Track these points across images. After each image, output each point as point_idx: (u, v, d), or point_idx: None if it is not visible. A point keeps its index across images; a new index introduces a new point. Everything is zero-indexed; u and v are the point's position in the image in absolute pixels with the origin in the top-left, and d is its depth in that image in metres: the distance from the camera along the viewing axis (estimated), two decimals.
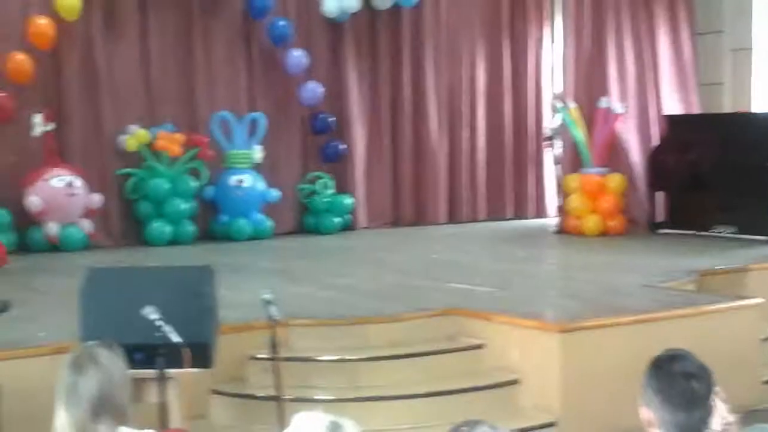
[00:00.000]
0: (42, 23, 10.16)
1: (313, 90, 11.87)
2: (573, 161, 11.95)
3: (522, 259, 9.51)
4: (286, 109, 11.96)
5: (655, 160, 11.84)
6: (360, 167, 12.45)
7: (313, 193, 12.01)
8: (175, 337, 4.45)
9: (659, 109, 12.29)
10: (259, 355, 5.80)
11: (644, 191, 11.98)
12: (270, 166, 11.75)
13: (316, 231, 11.88)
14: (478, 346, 6.32)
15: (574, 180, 11.71)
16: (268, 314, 4.95)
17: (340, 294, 7.34)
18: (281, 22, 11.65)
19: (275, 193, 11.40)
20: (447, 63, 13.11)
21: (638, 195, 11.97)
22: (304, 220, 12.09)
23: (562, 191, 12.02)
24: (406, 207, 12.87)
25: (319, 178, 12.08)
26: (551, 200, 13.84)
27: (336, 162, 12.28)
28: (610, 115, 11.71)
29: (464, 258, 9.60)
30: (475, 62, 13.35)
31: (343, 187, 12.26)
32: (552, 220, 12.95)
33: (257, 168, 11.51)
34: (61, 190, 10.02)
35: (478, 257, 9.69)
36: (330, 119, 12.13)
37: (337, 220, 11.94)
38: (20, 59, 10.04)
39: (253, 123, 11.48)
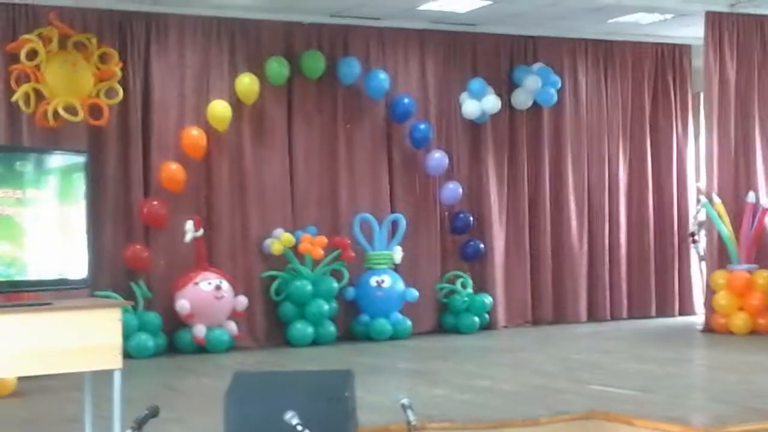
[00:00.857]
0: (194, 134, 10.72)
1: (453, 190, 12.04)
2: (719, 257, 11.64)
3: (667, 360, 9.26)
4: (426, 210, 12.16)
5: None
6: (499, 266, 12.46)
7: (452, 292, 12.06)
8: None
9: None
10: None
11: None
12: (409, 265, 11.90)
13: (455, 330, 11.90)
14: None
15: (721, 277, 11.41)
16: (405, 419, 4.98)
17: (478, 396, 7.32)
18: (422, 126, 11.93)
19: (414, 293, 11.51)
20: (587, 160, 13.10)
21: None
22: (442, 320, 12.13)
23: (709, 288, 11.70)
24: (546, 306, 12.76)
25: (459, 277, 12.15)
26: (697, 298, 13.49)
27: (475, 261, 12.34)
28: (757, 210, 11.41)
29: (606, 359, 9.42)
30: (616, 159, 13.28)
31: (482, 286, 12.28)
32: (698, 318, 12.58)
33: (397, 268, 11.68)
34: (209, 293, 10.39)
35: (620, 358, 9.48)
36: (470, 218, 12.24)
37: (476, 319, 11.94)
38: (173, 168, 10.59)
39: (394, 224, 11.70)
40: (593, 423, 6.41)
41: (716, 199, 11.57)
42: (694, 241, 13.42)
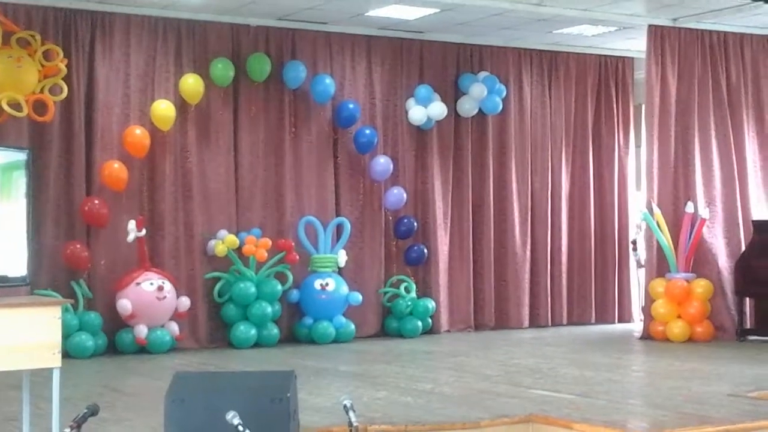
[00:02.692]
0: (138, 133, 10.64)
1: (398, 195, 12.10)
2: (658, 266, 11.84)
3: (606, 366, 9.40)
4: (370, 214, 12.20)
5: (743, 265, 11.65)
6: (443, 271, 12.54)
7: (396, 296, 12.12)
8: None
9: (746, 213, 12.15)
10: None
11: (732, 297, 11.77)
12: (354, 269, 11.94)
13: (398, 334, 11.96)
14: None
15: (659, 285, 11.60)
16: (347, 420, 5.00)
17: (420, 399, 7.36)
18: (367, 131, 11.97)
19: (358, 297, 11.53)
20: (531, 168, 13.24)
21: (725, 301, 11.77)
22: (386, 324, 12.18)
23: (648, 296, 11.89)
24: (488, 311, 12.87)
25: (402, 281, 12.21)
26: (635, 305, 13.71)
27: (419, 265, 12.41)
28: (696, 220, 11.63)
29: (546, 364, 9.53)
30: (559, 167, 13.45)
31: (425, 291, 12.36)
32: (636, 325, 12.77)
33: (341, 271, 11.69)
34: (151, 294, 10.32)
35: (560, 363, 9.60)
36: (414, 223, 12.30)
37: (419, 323, 12.00)
38: (116, 167, 10.50)
39: (339, 227, 11.72)
40: (533, 426, 6.48)
41: (656, 209, 11.76)
42: (635, 249, 13.65)
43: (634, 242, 13.73)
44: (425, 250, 12.37)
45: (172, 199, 11.02)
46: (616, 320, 13.71)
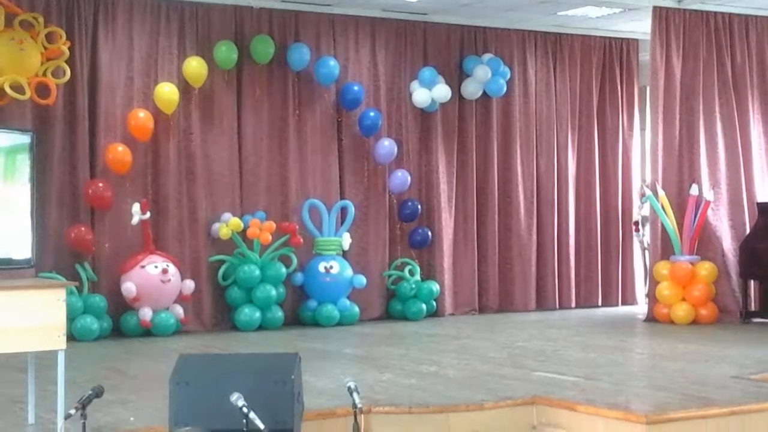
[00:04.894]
0: (141, 116, 10.62)
1: (402, 178, 12.09)
2: (663, 249, 11.83)
3: (610, 348, 9.40)
4: (375, 197, 12.18)
5: (748, 247, 11.64)
6: (447, 254, 12.53)
7: (400, 279, 12.12)
8: (260, 424, 4.54)
9: (751, 195, 12.13)
10: None
11: (736, 279, 11.76)
12: (358, 252, 11.94)
13: (402, 317, 11.97)
14: None
15: (664, 267, 11.59)
16: (351, 402, 5.02)
17: (423, 381, 7.37)
18: (372, 113, 11.95)
19: (362, 280, 11.54)
20: (536, 151, 13.21)
21: (730, 283, 11.76)
22: (390, 307, 12.19)
23: (652, 279, 11.89)
24: (492, 294, 12.87)
25: (406, 264, 12.21)
26: (639, 288, 13.71)
27: (423, 248, 12.41)
28: (700, 202, 11.62)
29: (550, 346, 9.53)
30: (564, 150, 13.42)
31: (429, 274, 12.36)
32: (641, 308, 12.77)
33: (345, 254, 11.70)
34: (156, 277, 10.33)
35: (564, 346, 9.61)
36: (418, 206, 12.29)
37: (423, 306, 12.01)
38: (120, 150, 10.50)
39: (343, 210, 11.72)
40: (537, 408, 6.50)
41: (660, 192, 11.74)
42: (638, 230, 13.62)
43: (637, 223, 13.70)
44: (429, 233, 12.36)
45: (176, 182, 11.01)
46: (620, 303, 13.71)
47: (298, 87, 11.78)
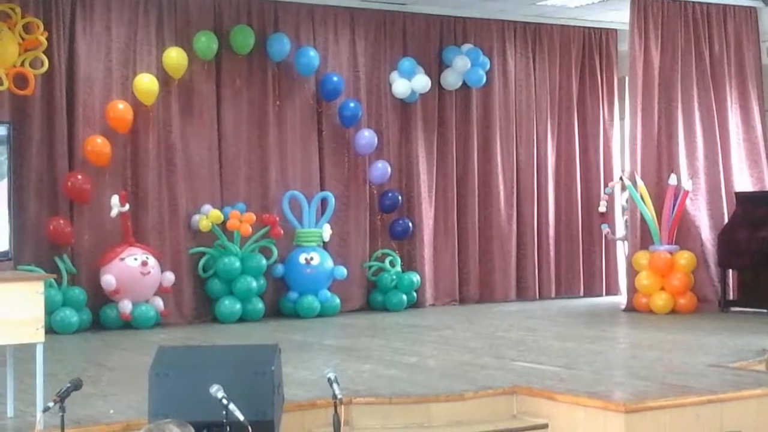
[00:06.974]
0: (120, 107, 10.56)
1: (382, 168, 12.09)
2: (642, 239, 11.88)
3: (589, 338, 9.45)
4: (355, 188, 12.18)
5: (726, 237, 11.72)
6: (427, 245, 12.55)
7: (381, 270, 12.13)
8: (240, 415, 4.54)
9: (729, 185, 12.20)
10: None
11: (714, 269, 11.84)
12: (338, 243, 11.94)
13: (383, 308, 11.98)
14: (543, 426, 6.28)
15: (642, 257, 11.64)
16: (332, 393, 5.02)
17: (404, 372, 7.38)
18: (352, 104, 11.93)
19: (343, 271, 11.53)
20: (516, 141, 13.24)
21: (708, 273, 11.83)
22: (371, 298, 12.19)
23: (631, 269, 11.94)
24: (473, 285, 12.90)
25: (387, 255, 12.22)
26: (622, 278, 13.76)
27: (404, 239, 12.41)
28: (679, 192, 11.67)
29: (530, 336, 9.57)
30: (544, 140, 13.45)
31: (410, 265, 12.37)
32: (623, 298, 12.84)
33: (326, 246, 11.69)
34: (135, 269, 10.28)
35: (544, 336, 9.64)
36: (398, 197, 12.30)
37: (403, 297, 12.02)
38: (99, 142, 10.44)
39: (323, 201, 11.71)
40: (517, 398, 6.52)
41: (639, 182, 11.79)
42: (603, 221, 13.32)
43: (603, 215, 13.39)
44: (410, 224, 12.37)
45: (156, 174, 10.96)
46: (604, 293, 13.76)
47: (278, 78, 11.75)
